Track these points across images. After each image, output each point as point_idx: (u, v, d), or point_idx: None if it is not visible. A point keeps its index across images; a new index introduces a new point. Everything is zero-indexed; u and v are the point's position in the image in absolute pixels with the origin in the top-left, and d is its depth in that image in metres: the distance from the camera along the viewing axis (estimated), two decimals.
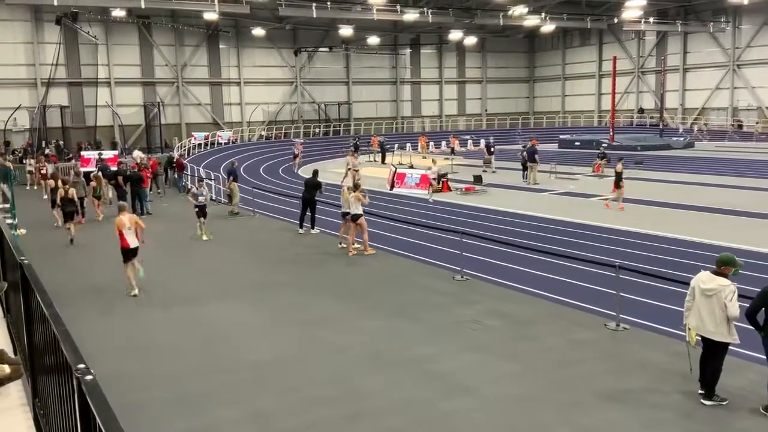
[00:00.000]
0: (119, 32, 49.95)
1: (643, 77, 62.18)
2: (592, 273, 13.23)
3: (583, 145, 47.65)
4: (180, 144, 42.85)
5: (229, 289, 13.28)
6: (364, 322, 10.87)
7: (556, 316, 11.05)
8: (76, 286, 13.41)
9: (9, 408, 4.53)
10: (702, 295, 7.51)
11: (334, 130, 58.81)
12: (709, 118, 56.87)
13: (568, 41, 68.32)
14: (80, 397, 2.51)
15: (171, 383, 8.50)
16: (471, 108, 68.84)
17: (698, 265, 12.18)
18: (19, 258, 4.74)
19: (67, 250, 17.71)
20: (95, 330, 10.39)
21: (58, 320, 3.26)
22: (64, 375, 3.14)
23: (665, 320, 10.56)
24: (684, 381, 8.12)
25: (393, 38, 61.90)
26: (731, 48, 54.61)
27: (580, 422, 7.32)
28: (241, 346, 9.92)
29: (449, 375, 8.60)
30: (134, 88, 51.44)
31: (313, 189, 19.01)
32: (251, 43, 55.40)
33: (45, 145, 42.81)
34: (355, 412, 7.62)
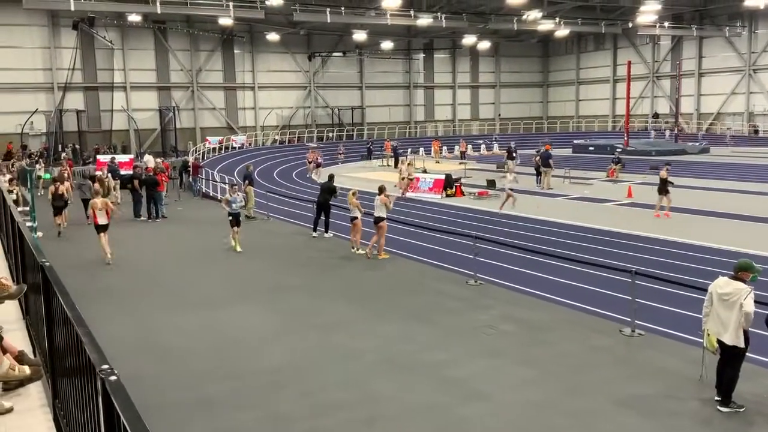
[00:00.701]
0: (135, 37, 50.37)
1: (657, 82, 61.87)
2: (607, 278, 13.17)
3: (597, 150, 47.46)
4: (195, 148, 43.10)
5: (244, 292, 13.34)
6: (378, 327, 10.88)
7: (570, 321, 11.01)
8: (90, 288, 13.51)
9: (30, 409, 4.59)
10: (719, 300, 7.47)
11: (347, 134, 58.97)
12: (724, 123, 56.49)
13: (582, 45, 68.11)
14: (104, 397, 2.55)
15: (188, 386, 8.55)
16: (484, 113, 68.76)
17: (714, 271, 12.12)
18: (40, 260, 4.80)
19: (79, 253, 17.84)
20: (110, 332, 10.46)
21: (81, 322, 3.30)
22: (86, 376, 3.17)
23: (681, 326, 10.50)
24: (700, 388, 8.07)
25: (406, 43, 62.00)
26: (747, 52, 54.24)
27: (595, 429, 7.29)
28: (257, 349, 9.96)
29: (464, 380, 8.59)
30: (149, 93, 51.83)
31: (327, 193, 19.10)
32: (265, 48, 55.69)
33: (61, 149, 43.21)
34: (370, 416, 7.63)
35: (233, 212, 17.06)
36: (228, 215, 17.15)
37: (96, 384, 2.75)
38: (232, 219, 17.06)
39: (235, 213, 17.07)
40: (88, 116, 48.65)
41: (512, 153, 36.95)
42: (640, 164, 37.72)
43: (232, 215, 17.05)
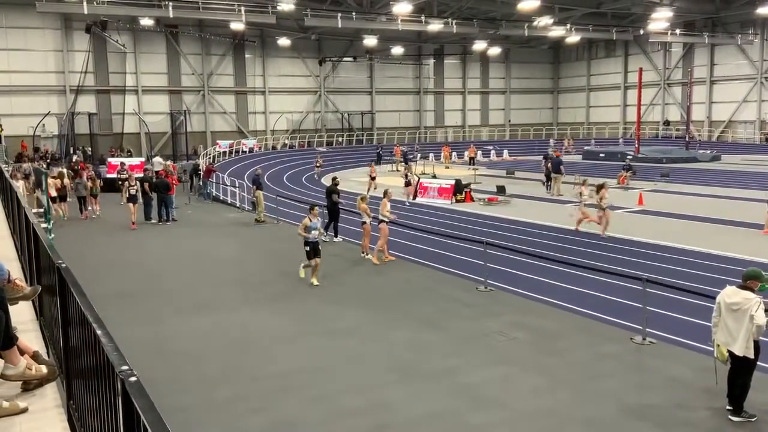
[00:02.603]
0: (147, 41, 50.69)
1: (669, 89, 61.66)
2: (618, 286, 13.12)
3: (607, 157, 47.33)
4: (206, 152, 43.29)
5: (254, 296, 13.37)
6: (389, 332, 10.88)
7: (581, 329, 10.97)
8: (99, 290, 13.56)
9: (44, 409, 4.61)
10: (728, 309, 7.43)
11: (357, 139, 59.06)
12: (736, 131, 56.23)
13: (593, 52, 67.99)
14: (124, 398, 2.56)
15: (199, 389, 8.58)
16: (494, 118, 68.72)
17: (724, 279, 12.05)
18: (56, 262, 4.83)
19: (85, 255, 17.92)
20: (120, 334, 10.49)
21: (100, 323, 3.32)
22: (103, 377, 3.19)
23: (692, 335, 10.45)
24: (711, 397, 8.02)
25: (417, 48, 62.08)
26: (759, 60, 53.99)
27: None
28: (267, 353, 9.98)
29: (476, 387, 8.57)
30: (161, 96, 52.13)
31: (329, 196, 19.17)
32: (276, 53, 55.90)
33: (72, 152, 43.50)
34: (381, 423, 7.62)
35: (312, 241, 14.05)
36: (304, 244, 14.10)
37: (115, 385, 2.77)
38: (309, 249, 14.06)
39: (314, 242, 14.11)
40: (100, 119, 48.98)
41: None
42: (650, 171, 37.58)
43: (309, 244, 14.03)
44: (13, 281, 5.40)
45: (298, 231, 14.28)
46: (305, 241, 14.03)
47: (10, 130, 44.47)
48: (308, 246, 14.03)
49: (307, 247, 14.06)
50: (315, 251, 14.08)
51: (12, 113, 45.06)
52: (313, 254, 14.03)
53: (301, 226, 14.20)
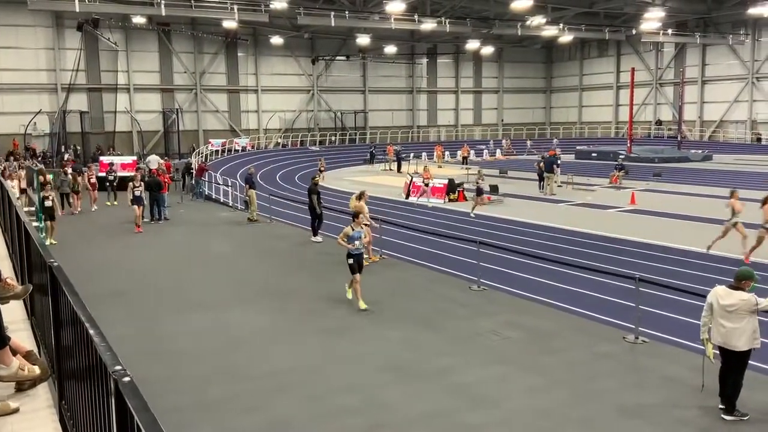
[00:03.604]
0: (139, 39, 50.49)
1: (661, 89, 61.89)
2: (611, 285, 13.14)
3: (600, 157, 47.48)
4: (198, 150, 43.17)
5: (247, 295, 13.33)
6: (382, 331, 10.87)
7: (575, 328, 10.99)
8: (91, 289, 13.49)
9: (35, 410, 4.57)
10: (723, 311, 7.45)
11: (350, 138, 59.03)
12: (727, 131, 56.50)
13: (585, 52, 68.15)
14: (117, 398, 2.53)
15: (192, 389, 8.54)
16: (487, 118, 68.80)
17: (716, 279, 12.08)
18: (48, 260, 4.79)
19: (75, 255, 17.83)
20: (112, 334, 10.44)
21: (93, 323, 3.29)
22: (96, 377, 3.16)
23: (684, 333, 10.47)
24: (704, 396, 8.04)
25: (410, 47, 62.07)
26: (750, 60, 54.26)
27: None
28: (261, 352, 9.95)
29: (471, 387, 8.56)
30: (153, 95, 51.93)
31: (310, 197, 19.13)
32: (269, 51, 55.78)
33: (64, 150, 43.30)
34: (376, 422, 7.61)
35: (355, 253, 12.23)
36: (347, 256, 12.28)
37: (108, 385, 2.74)
38: (352, 263, 12.16)
39: (357, 254, 12.27)
40: (92, 117, 48.73)
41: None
42: (643, 171, 37.71)
43: (352, 257, 12.17)
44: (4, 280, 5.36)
45: (338, 241, 12.44)
46: (348, 253, 12.22)
47: (1, 128, 44.33)
48: (351, 259, 12.14)
49: (350, 260, 12.14)
50: (359, 265, 12.23)
51: (3, 111, 44.88)
52: (357, 268, 12.16)
53: (341, 235, 12.37)
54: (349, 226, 12.37)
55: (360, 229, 12.35)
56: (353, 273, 12.14)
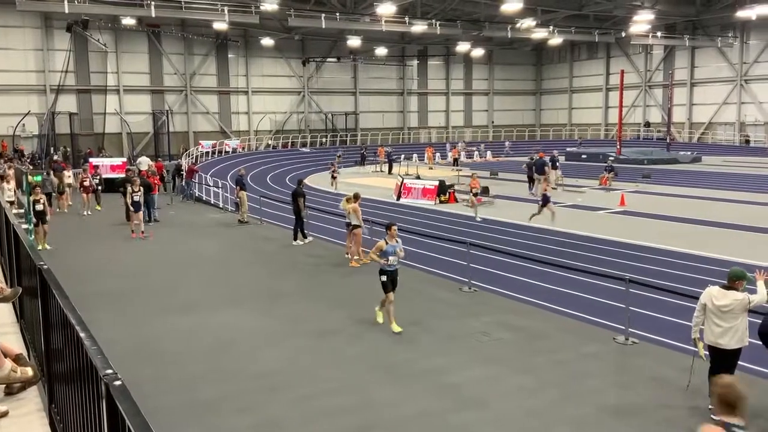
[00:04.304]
0: (129, 40, 50.30)
1: (650, 91, 62.21)
2: (601, 286, 13.20)
3: (589, 158, 47.67)
4: (188, 152, 43.03)
5: (238, 296, 13.31)
6: (373, 332, 10.87)
7: (565, 329, 11.03)
8: (81, 291, 13.44)
9: (25, 414, 4.55)
10: (717, 311, 7.51)
11: (341, 139, 59.02)
12: (716, 133, 56.85)
13: (575, 54, 68.43)
14: (108, 402, 2.53)
15: (182, 390, 8.52)
16: (477, 120, 68.96)
17: (705, 279, 12.16)
18: (38, 263, 4.78)
19: (65, 256, 17.74)
20: (103, 336, 10.41)
21: (83, 325, 3.28)
22: (86, 380, 3.16)
23: (674, 334, 10.54)
24: (693, 396, 8.10)
25: (401, 49, 62.14)
26: (739, 63, 54.62)
27: None
28: (251, 353, 9.93)
29: (460, 387, 8.59)
30: (143, 96, 51.74)
31: (295, 199, 19.06)
32: (260, 53, 55.70)
33: (53, 152, 43.05)
34: (366, 423, 7.62)
35: (389, 269, 11.00)
36: (379, 273, 11.05)
37: (99, 388, 2.74)
38: (386, 280, 10.93)
39: (392, 270, 11.00)
40: (81, 119, 48.48)
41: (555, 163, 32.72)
42: (632, 172, 37.89)
43: (385, 273, 10.95)
44: None
45: (371, 255, 11.23)
46: (380, 270, 11.01)
47: None
48: (384, 276, 10.90)
49: (383, 277, 10.90)
50: (393, 283, 10.97)
51: None
52: (390, 286, 10.92)
53: (374, 249, 11.19)
54: (383, 239, 11.13)
55: (395, 243, 11.03)
56: (386, 292, 10.88)
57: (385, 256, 10.91)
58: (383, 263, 10.92)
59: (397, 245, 11.03)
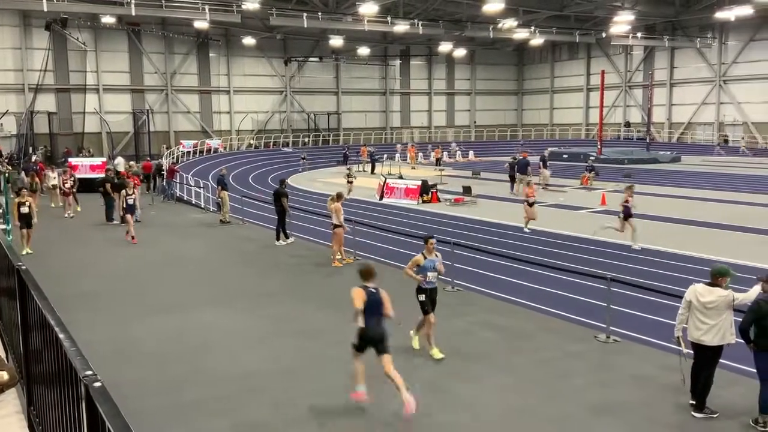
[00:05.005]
0: (108, 39, 49.85)
1: (630, 91, 62.74)
2: (583, 285, 13.28)
3: (570, 158, 47.98)
4: (169, 151, 42.71)
5: (219, 297, 13.22)
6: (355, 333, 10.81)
7: (547, 328, 11.08)
8: (62, 292, 13.28)
9: (3, 416, 4.49)
10: (702, 308, 7.56)
11: (323, 139, 58.91)
12: (695, 133, 57.46)
13: (556, 55, 68.85)
14: (88, 404, 2.49)
15: (163, 392, 8.45)
16: (460, 119, 69.16)
17: (685, 278, 12.26)
18: (16, 264, 4.71)
19: (45, 257, 17.54)
20: (84, 337, 10.29)
21: (63, 327, 3.24)
22: (66, 382, 3.11)
23: (654, 333, 10.63)
24: (674, 394, 8.17)
25: (383, 49, 62.15)
26: (717, 64, 55.25)
27: None
28: (233, 355, 9.87)
29: (444, 387, 8.59)
30: (123, 95, 51.31)
31: (278, 199, 18.98)
32: (241, 52, 55.43)
33: (32, 151, 42.56)
34: (350, 424, 7.60)
35: (428, 286, 9.71)
36: (417, 291, 9.74)
37: (78, 390, 2.69)
38: (424, 299, 9.65)
39: (431, 287, 9.75)
40: (60, 118, 47.98)
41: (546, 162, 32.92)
42: (613, 172, 38.19)
43: (423, 292, 9.67)
44: None
45: (406, 272, 9.85)
46: (418, 288, 9.74)
47: None
48: (422, 294, 9.66)
49: (421, 296, 9.66)
50: (433, 302, 9.75)
51: None
52: (430, 306, 9.70)
53: (410, 264, 9.88)
54: (420, 253, 9.87)
55: (434, 257, 9.80)
56: (425, 313, 9.63)
57: (423, 273, 9.64)
58: (420, 280, 9.64)
59: (436, 260, 9.81)
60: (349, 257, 16.40)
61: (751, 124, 53.76)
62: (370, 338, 7.96)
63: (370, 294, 8.11)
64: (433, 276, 9.70)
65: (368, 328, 7.95)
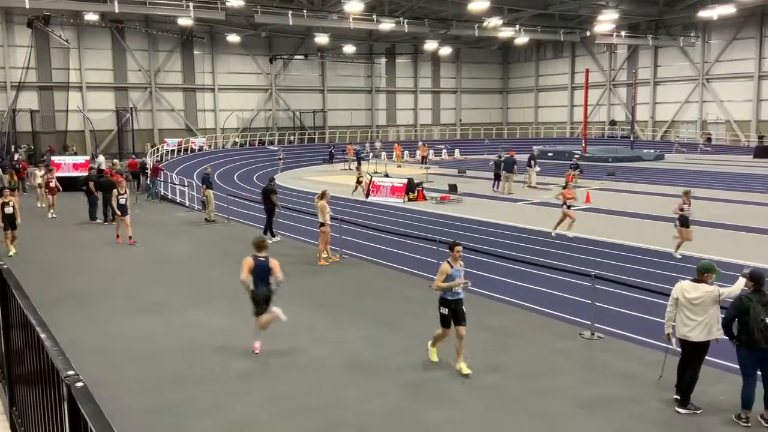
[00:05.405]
0: (92, 36, 49.44)
1: (614, 90, 63.12)
2: (567, 282, 13.35)
3: (555, 156, 48.20)
4: (153, 149, 42.44)
5: (205, 296, 13.15)
6: (342, 332, 10.83)
7: (533, 325, 11.12)
8: (46, 292, 13.17)
9: None
10: (689, 304, 7.63)
11: (309, 138, 58.78)
12: (678, 131, 57.92)
13: (541, 53, 69.15)
14: (70, 404, 2.47)
15: (148, 392, 8.39)
16: (445, 118, 69.27)
17: (669, 275, 12.38)
18: None
19: (28, 255, 17.38)
20: (67, 337, 10.21)
21: (44, 326, 3.20)
22: (48, 382, 3.07)
23: (638, 329, 10.71)
24: (658, 390, 8.24)
25: (369, 47, 62.10)
26: (700, 62, 55.72)
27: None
28: (219, 354, 9.81)
29: (430, 384, 8.60)
30: (106, 93, 50.91)
31: (267, 197, 18.92)
32: (226, 50, 55.17)
33: (14, 150, 42.12)
34: (337, 422, 7.58)
35: (454, 298, 8.95)
36: (440, 303, 9.02)
37: (60, 390, 2.66)
38: (447, 313, 8.93)
39: (456, 300, 8.95)
40: (42, 116, 47.53)
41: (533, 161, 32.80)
42: (597, 170, 38.41)
43: (448, 304, 8.93)
44: None
45: (437, 284, 8.96)
46: (441, 298, 8.99)
47: None
48: (445, 307, 8.90)
49: (444, 310, 8.91)
50: (457, 315, 8.89)
51: None
52: (454, 319, 8.88)
53: (438, 276, 8.99)
54: (445, 261, 9.08)
55: (460, 267, 9.02)
56: (444, 326, 8.97)
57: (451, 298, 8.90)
58: (459, 284, 8.87)
59: (461, 270, 9.04)
60: (336, 255, 16.37)
61: (734, 122, 54.26)
62: (259, 298, 9.56)
63: (258, 262, 9.56)
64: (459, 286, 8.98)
65: (256, 290, 9.55)
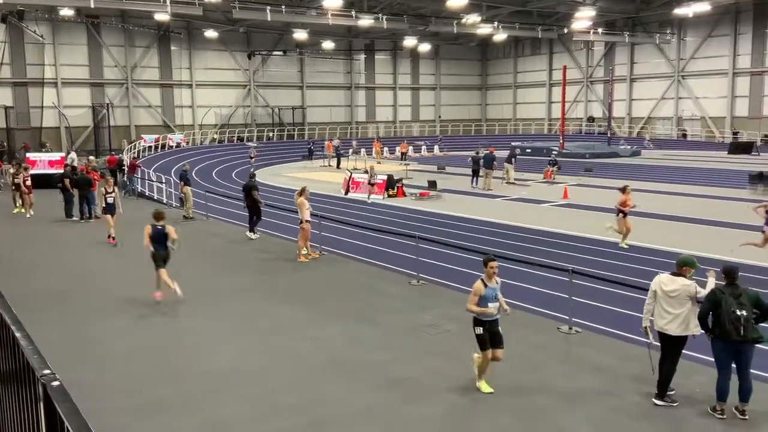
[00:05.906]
0: (67, 32, 48.82)
1: (591, 86, 63.62)
2: (545, 277, 13.44)
3: (533, 153, 48.50)
4: (130, 146, 42.01)
5: (185, 294, 13.04)
6: (322, 329, 10.81)
7: (511, 320, 11.11)
8: (20, 291, 13.00)
9: None
10: (666, 297, 7.73)
11: (288, 134, 58.55)
12: (655, 128, 58.53)
13: (519, 50, 69.49)
14: (46, 403, 2.44)
15: (127, 392, 8.31)
16: (425, 114, 69.39)
17: (646, 270, 12.52)
18: None
19: (10, 257, 17.15)
20: (44, 336, 10.09)
21: (19, 325, 3.16)
22: (23, 382, 3.04)
23: (615, 324, 10.82)
24: (635, 383, 8.34)
25: (348, 43, 61.98)
26: (676, 59, 56.34)
27: (541, 426, 7.43)
28: (199, 353, 9.76)
29: (410, 381, 8.62)
30: (82, 89, 50.33)
31: (249, 193, 18.82)
32: (203, 45, 54.77)
33: None
34: (318, 419, 7.57)
35: (487, 319, 8.19)
36: (474, 324, 8.23)
37: (36, 390, 2.63)
38: (482, 332, 8.16)
39: (493, 320, 8.24)
40: (17, 113, 46.84)
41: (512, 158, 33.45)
42: (575, 166, 38.71)
43: (483, 325, 8.19)
44: None
45: (469, 307, 8.17)
46: (475, 320, 8.23)
47: None
48: (480, 327, 8.17)
49: (478, 329, 8.18)
50: (494, 337, 8.22)
51: None
52: (491, 341, 8.19)
53: (471, 297, 8.21)
54: (479, 280, 8.29)
55: (495, 285, 8.29)
56: (482, 348, 8.19)
57: (484, 304, 8.11)
58: (490, 312, 8.11)
59: (497, 288, 8.29)
60: (315, 252, 16.34)
61: (709, 118, 54.95)
62: (158, 258, 12.23)
63: (155, 229, 12.21)
64: (494, 308, 8.16)
65: (155, 252, 12.20)
